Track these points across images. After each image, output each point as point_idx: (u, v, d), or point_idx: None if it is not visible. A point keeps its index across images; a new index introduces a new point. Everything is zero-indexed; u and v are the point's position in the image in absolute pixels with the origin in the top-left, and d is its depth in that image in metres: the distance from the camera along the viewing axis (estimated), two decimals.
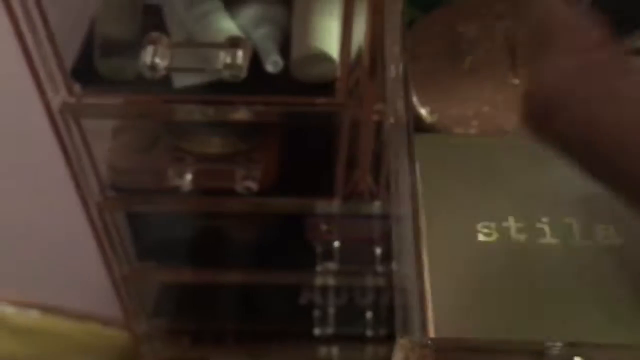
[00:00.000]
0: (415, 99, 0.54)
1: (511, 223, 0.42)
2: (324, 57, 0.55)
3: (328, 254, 0.75)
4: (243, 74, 0.52)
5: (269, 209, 0.73)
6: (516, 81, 0.53)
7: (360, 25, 0.54)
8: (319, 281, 0.86)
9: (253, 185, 0.63)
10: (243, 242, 0.85)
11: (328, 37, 0.56)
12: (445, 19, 0.60)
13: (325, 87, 0.60)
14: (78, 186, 0.67)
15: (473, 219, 0.43)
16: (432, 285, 0.39)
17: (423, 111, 0.53)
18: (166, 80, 0.59)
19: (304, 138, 0.71)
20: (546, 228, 0.42)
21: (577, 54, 0.17)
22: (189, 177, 0.62)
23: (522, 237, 0.41)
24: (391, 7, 0.47)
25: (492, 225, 0.42)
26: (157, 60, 0.51)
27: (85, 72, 0.60)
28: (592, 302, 0.39)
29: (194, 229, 0.83)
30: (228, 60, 0.52)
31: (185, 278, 0.86)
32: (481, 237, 0.42)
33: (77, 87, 0.61)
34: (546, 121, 0.17)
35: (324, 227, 0.76)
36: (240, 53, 0.51)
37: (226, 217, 0.81)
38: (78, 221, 0.72)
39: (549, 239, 0.41)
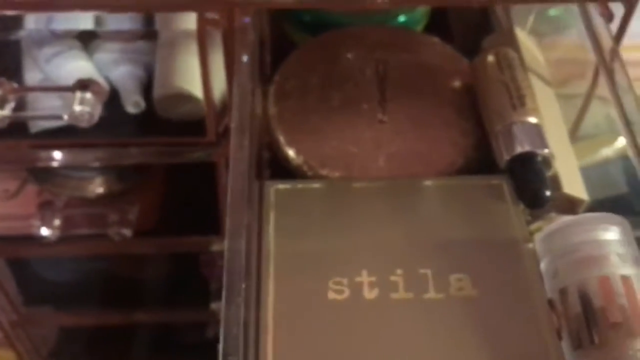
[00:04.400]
0: (281, 139, 0.51)
1: (364, 277, 0.40)
2: (187, 96, 0.53)
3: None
4: (94, 119, 0.49)
5: (161, 248, 0.70)
6: (385, 118, 0.51)
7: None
8: None
9: (127, 232, 0.59)
10: (142, 281, 0.81)
11: (192, 76, 0.53)
12: (319, 50, 0.57)
13: (198, 126, 0.57)
14: None
15: (325, 274, 0.40)
16: (273, 357, 0.36)
17: (289, 152, 0.50)
18: (25, 124, 0.56)
19: (188, 176, 0.68)
20: (400, 281, 0.40)
21: None
22: (57, 222, 0.58)
23: (374, 293, 0.39)
24: (240, 46, 0.45)
25: (345, 281, 0.40)
26: None
27: None
28: (446, 357, 0.37)
29: (88, 271, 0.79)
30: (77, 104, 0.48)
31: (82, 321, 0.82)
32: (331, 295, 0.39)
33: None
34: None
35: (220, 263, 0.73)
36: (89, 96, 0.48)
37: (122, 257, 0.77)
38: None
39: (402, 294, 0.39)
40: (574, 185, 0.46)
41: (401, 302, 0.39)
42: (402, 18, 0.64)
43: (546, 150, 0.45)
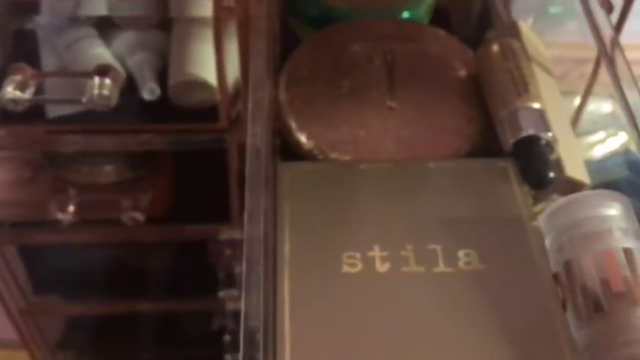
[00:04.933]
0: (292, 124, 0.53)
1: (376, 252, 0.42)
2: (201, 83, 0.54)
3: (230, 280, 0.74)
4: (112, 103, 0.50)
5: (170, 236, 0.71)
6: (393, 104, 0.53)
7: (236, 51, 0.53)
8: (230, 306, 0.84)
9: (139, 216, 0.61)
10: (149, 271, 0.82)
11: (206, 63, 0.55)
12: (328, 41, 0.59)
13: (210, 112, 0.58)
14: None
15: (338, 249, 0.42)
16: (290, 326, 0.38)
17: (300, 137, 0.52)
18: (41, 110, 0.57)
19: (199, 163, 0.69)
20: (411, 255, 0.41)
21: None
22: (71, 208, 0.60)
23: (385, 266, 0.41)
24: (255, 34, 0.46)
25: (357, 255, 0.41)
26: (18, 93, 0.48)
27: None
28: (455, 331, 0.39)
29: (96, 260, 0.81)
30: (96, 89, 0.50)
31: (90, 310, 0.83)
32: (345, 269, 0.41)
33: None
34: None
35: (227, 252, 0.75)
36: (108, 82, 0.50)
37: (129, 246, 0.79)
38: None
39: (413, 267, 0.41)
40: (576, 169, 0.48)
41: (412, 275, 0.40)
42: (406, 14, 0.66)
43: (549, 134, 0.47)
